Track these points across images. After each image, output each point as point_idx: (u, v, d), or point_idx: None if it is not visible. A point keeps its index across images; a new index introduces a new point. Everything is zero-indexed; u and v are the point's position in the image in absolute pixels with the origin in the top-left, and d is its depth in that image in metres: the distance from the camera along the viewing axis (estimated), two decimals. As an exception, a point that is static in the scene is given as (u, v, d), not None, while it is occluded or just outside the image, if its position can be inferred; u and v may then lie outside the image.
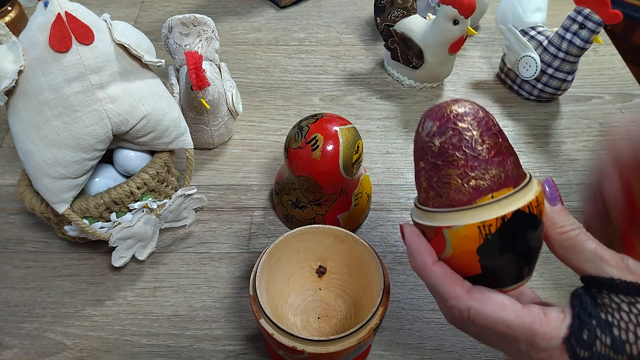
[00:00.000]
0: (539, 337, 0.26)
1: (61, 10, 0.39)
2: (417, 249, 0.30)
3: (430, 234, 0.30)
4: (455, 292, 0.28)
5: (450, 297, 0.28)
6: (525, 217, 0.28)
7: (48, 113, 0.40)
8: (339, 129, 0.45)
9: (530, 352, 0.27)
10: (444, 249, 0.29)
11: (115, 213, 0.45)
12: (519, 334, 0.27)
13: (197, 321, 0.45)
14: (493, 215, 0.27)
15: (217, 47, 0.57)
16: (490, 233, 0.27)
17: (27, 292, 0.47)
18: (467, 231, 0.28)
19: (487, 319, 0.27)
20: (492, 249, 0.28)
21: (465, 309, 0.28)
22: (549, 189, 0.30)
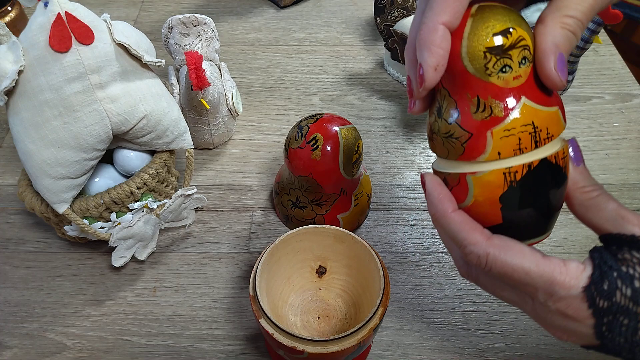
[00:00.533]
0: (558, 285, 0.26)
1: (61, 10, 0.39)
2: (437, 196, 0.29)
3: (453, 182, 0.29)
4: (475, 238, 0.28)
5: (469, 243, 0.28)
6: (551, 167, 0.27)
7: (48, 113, 0.40)
8: (339, 129, 0.45)
9: (548, 301, 0.27)
10: (466, 197, 0.28)
11: (115, 213, 0.45)
12: (538, 282, 0.26)
13: (197, 321, 0.45)
14: (520, 162, 0.26)
15: (217, 47, 0.57)
16: (515, 180, 0.27)
17: (27, 292, 0.47)
18: (491, 177, 0.27)
19: (506, 266, 0.27)
20: (516, 197, 0.27)
21: (484, 255, 0.27)
22: (573, 149, 0.30)
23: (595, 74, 0.68)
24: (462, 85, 0.27)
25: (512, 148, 0.26)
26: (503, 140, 0.26)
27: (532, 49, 0.26)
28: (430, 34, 0.25)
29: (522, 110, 0.26)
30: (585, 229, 0.28)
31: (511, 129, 0.26)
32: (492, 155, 0.26)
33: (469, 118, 0.27)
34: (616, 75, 0.68)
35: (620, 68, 0.69)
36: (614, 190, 0.55)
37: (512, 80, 0.26)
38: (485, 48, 0.25)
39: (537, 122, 0.26)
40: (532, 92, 0.26)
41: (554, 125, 0.27)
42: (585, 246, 0.50)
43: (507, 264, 0.27)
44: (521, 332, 0.44)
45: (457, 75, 0.26)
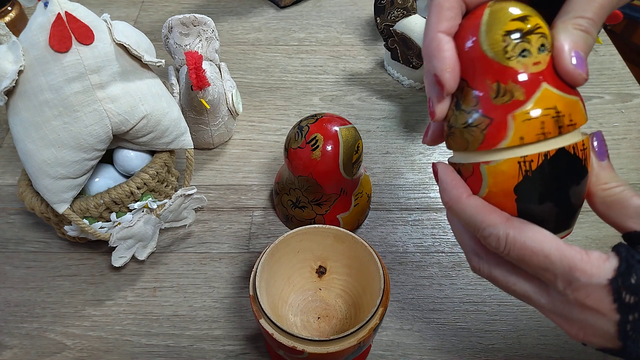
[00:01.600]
0: (579, 272, 0.25)
1: (61, 10, 0.39)
2: (450, 182, 0.28)
3: (467, 173, 0.28)
4: (493, 219, 0.26)
5: (488, 225, 0.26)
6: (570, 157, 0.26)
7: (48, 113, 0.40)
8: (339, 129, 0.45)
9: (567, 290, 0.25)
10: (480, 188, 0.27)
11: (115, 213, 0.45)
12: (558, 267, 0.25)
13: (197, 321, 0.45)
14: (536, 151, 0.25)
15: (217, 47, 0.57)
16: (530, 170, 0.26)
17: (27, 292, 0.47)
18: (505, 166, 0.26)
19: (525, 249, 0.26)
20: (532, 189, 0.26)
21: (504, 236, 0.26)
22: (597, 142, 0.28)
23: (595, 74, 0.68)
24: (482, 72, 0.26)
25: (534, 132, 0.25)
26: (525, 123, 0.25)
27: (550, 40, 0.26)
28: (433, 44, 0.26)
29: (543, 94, 0.25)
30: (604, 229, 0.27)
31: (533, 112, 0.25)
32: (513, 140, 0.25)
33: (489, 104, 0.26)
34: (616, 75, 0.68)
35: (620, 68, 0.69)
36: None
37: (531, 65, 0.25)
38: (504, 31, 0.25)
39: (560, 107, 0.25)
40: (552, 79, 0.26)
41: (576, 113, 0.26)
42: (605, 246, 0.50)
43: (526, 245, 0.26)
44: (521, 332, 0.44)
45: (477, 62, 0.26)
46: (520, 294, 0.28)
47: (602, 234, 0.50)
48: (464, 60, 0.27)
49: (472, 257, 0.30)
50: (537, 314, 0.45)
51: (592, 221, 0.52)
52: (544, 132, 0.25)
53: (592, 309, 0.25)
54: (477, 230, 0.27)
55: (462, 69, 0.27)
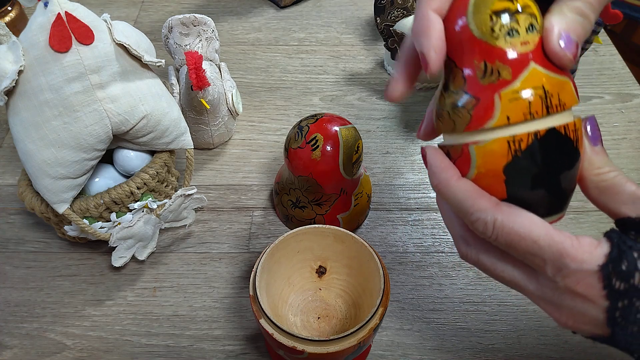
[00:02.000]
0: (569, 258, 0.24)
1: (61, 10, 0.39)
2: (439, 165, 0.28)
3: (455, 154, 0.27)
4: (481, 204, 0.26)
5: (476, 210, 0.26)
6: (561, 138, 0.25)
7: (48, 113, 0.40)
8: (339, 129, 0.45)
9: (556, 277, 0.25)
10: (469, 169, 0.27)
11: (115, 213, 0.45)
12: (547, 253, 0.25)
13: (197, 321, 0.45)
14: (525, 130, 0.25)
15: (217, 47, 0.57)
16: (520, 149, 0.25)
17: (27, 292, 0.47)
18: (494, 145, 0.25)
19: (513, 234, 0.25)
20: (521, 170, 0.26)
21: (491, 221, 0.25)
22: (591, 127, 0.28)
23: (595, 74, 0.68)
24: (470, 52, 0.26)
25: (522, 111, 0.25)
26: (512, 103, 0.25)
27: (540, 21, 0.26)
28: (422, 22, 0.26)
29: (531, 73, 0.25)
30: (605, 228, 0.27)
31: (520, 91, 0.25)
32: (500, 119, 0.25)
33: (476, 84, 0.26)
34: (616, 75, 0.68)
35: (620, 68, 0.69)
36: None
37: (519, 45, 0.25)
38: (491, 11, 0.25)
39: (548, 87, 0.25)
40: (541, 59, 0.25)
41: (566, 94, 0.26)
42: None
43: (514, 231, 0.25)
44: (521, 332, 0.44)
45: (465, 43, 0.26)
46: (508, 281, 0.28)
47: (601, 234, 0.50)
48: (452, 41, 0.27)
49: (460, 243, 0.30)
50: (537, 314, 0.45)
51: (592, 221, 0.52)
52: (531, 111, 0.25)
53: (582, 295, 0.25)
54: (465, 214, 0.27)
55: (451, 50, 0.27)
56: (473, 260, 0.29)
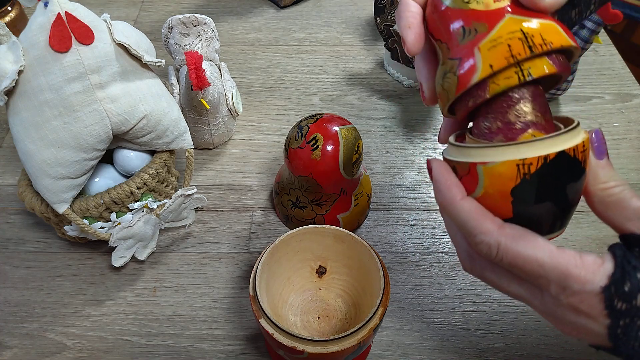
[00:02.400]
0: (572, 279, 0.25)
1: (61, 10, 0.39)
2: (444, 182, 0.28)
3: (462, 171, 0.28)
4: (486, 226, 0.26)
5: (480, 232, 0.26)
6: (570, 161, 0.25)
7: (48, 113, 0.40)
8: (339, 129, 0.45)
9: (560, 295, 0.25)
10: (475, 188, 0.27)
11: (115, 213, 0.45)
12: (552, 275, 0.25)
13: (197, 321, 0.45)
14: (535, 154, 0.25)
15: (217, 47, 0.57)
16: (529, 173, 0.25)
17: (27, 292, 0.47)
18: (503, 168, 0.25)
19: (518, 257, 0.25)
20: (529, 192, 0.26)
21: (495, 245, 0.26)
22: (597, 140, 0.28)
23: (595, 74, 0.68)
24: (448, 23, 0.27)
25: (503, 56, 0.25)
26: (491, 51, 0.25)
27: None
28: (400, 7, 0.29)
29: (507, 22, 0.25)
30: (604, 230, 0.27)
31: (497, 38, 0.25)
32: (484, 70, 0.25)
33: (457, 47, 0.26)
34: (616, 75, 0.68)
35: (620, 68, 0.69)
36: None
37: (492, 3, 0.26)
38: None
39: (527, 29, 0.25)
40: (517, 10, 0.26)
41: (550, 33, 0.25)
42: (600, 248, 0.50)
43: (519, 254, 0.25)
44: (521, 332, 0.44)
45: (443, 18, 0.27)
46: (513, 295, 0.28)
47: (602, 234, 0.50)
48: (434, 22, 0.28)
49: (464, 258, 0.30)
50: (537, 314, 0.45)
51: (591, 221, 0.52)
52: (513, 54, 0.25)
53: (585, 313, 0.25)
54: (469, 235, 0.27)
55: (435, 30, 0.28)
56: (477, 274, 0.29)
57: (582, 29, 0.55)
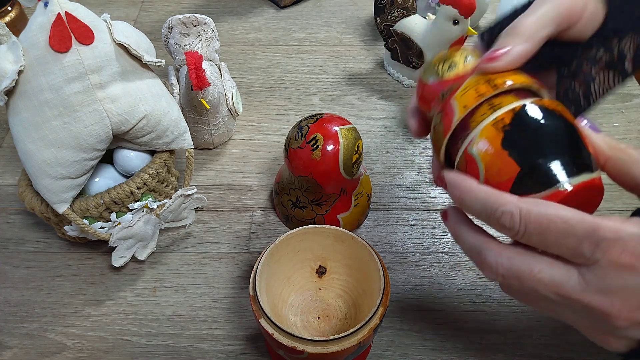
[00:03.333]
0: (603, 229, 0.23)
1: (61, 10, 0.39)
2: (456, 177, 0.29)
3: (464, 166, 0.29)
4: (504, 198, 0.26)
5: (500, 205, 0.26)
6: (538, 108, 0.27)
7: (48, 113, 0.40)
8: (339, 129, 0.45)
9: (596, 253, 0.24)
10: (478, 168, 0.28)
11: (115, 213, 0.45)
12: (580, 230, 0.24)
13: (197, 321, 0.45)
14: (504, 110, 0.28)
15: (217, 47, 0.57)
16: (506, 124, 0.27)
17: (27, 292, 0.47)
18: (484, 134, 0.28)
19: (542, 217, 0.25)
20: (516, 137, 0.27)
21: (517, 211, 0.25)
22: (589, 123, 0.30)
23: (595, 74, 0.68)
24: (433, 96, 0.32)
25: (473, 97, 0.29)
26: (463, 96, 0.30)
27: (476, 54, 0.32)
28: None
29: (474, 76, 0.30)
30: None
31: (467, 87, 0.30)
32: (460, 110, 0.29)
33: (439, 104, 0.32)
34: (616, 75, 0.67)
35: (620, 68, 0.68)
36: (615, 189, 0.55)
37: (461, 71, 0.31)
38: (434, 63, 0.33)
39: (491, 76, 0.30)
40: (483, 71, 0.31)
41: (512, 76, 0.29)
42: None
43: (542, 214, 0.25)
44: (521, 332, 0.44)
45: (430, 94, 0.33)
46: (547, 282, 0.26)
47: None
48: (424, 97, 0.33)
49: (487, 255, 0.28)
50: (537, 314, 0.45)
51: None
52: (480, 93, 0.29)
53: (629, 266, 0.23)
54: (490, 213, 0.26)
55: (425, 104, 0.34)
56: (505, 267, 0.27)
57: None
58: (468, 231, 0.30)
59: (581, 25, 0.33)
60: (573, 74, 0.34)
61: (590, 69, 0.34)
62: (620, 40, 0.33)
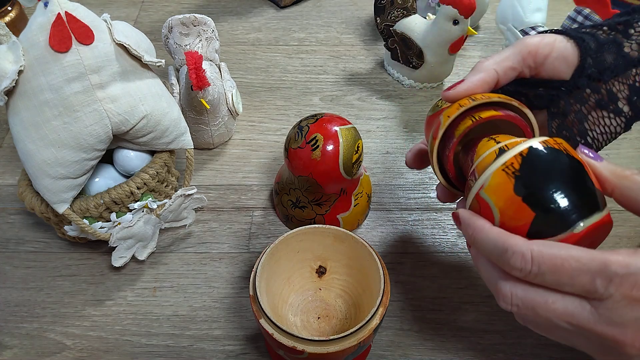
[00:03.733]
0: (614, 264, 0.24)
1: (61, 10, 0.39)
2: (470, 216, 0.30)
3: (476, 208, 0.30)
4: (515, 240, 0.27)
5: (510, 246, 0.27)
6: (545, 149, 0.28)
7: (48, 113, 0.40)
8: (339, 129, 0.45)
9: (609, 288, 0.25)
10: (492, 213, 0.29)
11: (115, 213, 0.45)
12: (592, 266, 0.25)
13: (197, 321, 0.45)
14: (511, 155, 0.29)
15: (217, 47, 0.57)
16: (516, 170, 0.28)
17: (27, 292, 0.47)
18: (495, 179, 0.29)
19: (555, 258, 0.26)
20: (527, 182, 0.28)
21: (528, 252, 0.26)
22: (587, 150, 0.30)
23: (595, 74, 0.68)
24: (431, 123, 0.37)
25: (455, 108, 0.34)
26: (447, 110, 0.35)
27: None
28: None
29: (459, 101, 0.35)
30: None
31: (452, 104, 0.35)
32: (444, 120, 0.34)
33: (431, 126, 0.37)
34: (616, 75, 0.67)
35: (620, 68, 0.68)
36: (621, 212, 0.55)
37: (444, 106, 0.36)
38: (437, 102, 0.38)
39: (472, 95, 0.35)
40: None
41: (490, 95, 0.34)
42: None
43: (555, 255, 0.26)
44: (521, 332, 0.44)
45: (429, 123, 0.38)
46: (561, 313, 0.27)
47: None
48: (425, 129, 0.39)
49: (502, 286, 0.29)
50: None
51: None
52: (460, 105, 0.34)
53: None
54: (501, 254, 0.27)
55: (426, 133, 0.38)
56: (520, 299, 0.28)
57: (582, 29, 0.55)
58: (487, 262, 0.30)
59: (552, 62, 0.36)
60: (563, 113, 0.37)
61: (579, 107, 0.36)
62: (605, 83, 0.35)
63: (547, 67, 0.36)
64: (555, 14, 0.76)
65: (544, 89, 0.37)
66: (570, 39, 0.35)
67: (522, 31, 0.61)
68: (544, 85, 0.37)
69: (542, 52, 0.35)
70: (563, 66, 0.35)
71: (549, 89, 0.37)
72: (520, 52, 0.36)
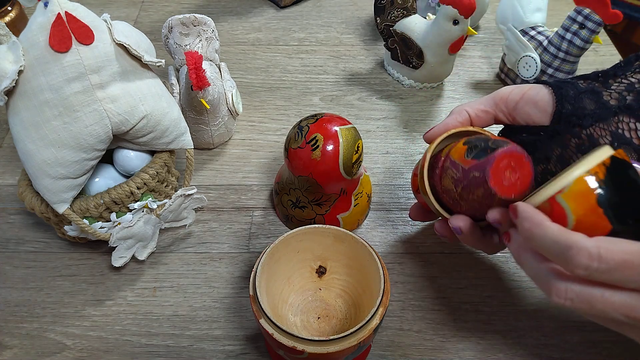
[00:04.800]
0: None
1: (61, 10, 0.39)
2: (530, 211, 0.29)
3: (545, 211, 0.29)
4: (579, 237, 0.26)
5: (574, 243, 0.26)
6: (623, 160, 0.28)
7: (48, 113, 0.40)
8: (339, 129, 0.45)
9: None
10: (567, 219, 0.28)
11: (115, 213, 0.45)
12: None
13: (197, 321, 0.45)
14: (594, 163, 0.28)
15: (217, 47, 0.57)
16: (601, 179, 0.27)
17: (27, 292, 0.47)
18: (579, 185, 0.27)
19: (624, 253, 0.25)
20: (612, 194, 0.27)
21: (595, 248, 0.26)
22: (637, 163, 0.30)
23: (595, 74, 0.68)
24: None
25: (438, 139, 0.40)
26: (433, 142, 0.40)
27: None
28: None
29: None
30: None
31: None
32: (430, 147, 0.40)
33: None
34: (616, 75, 0.67)
35: (620, 68, 0.68)
36: None
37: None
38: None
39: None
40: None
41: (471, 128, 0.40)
42: None
43: (624, 250, 0.25)
44: (521, 332, 0.44)
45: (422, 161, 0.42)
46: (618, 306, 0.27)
47: None
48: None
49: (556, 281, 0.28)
50: (537, 314, 0.45)
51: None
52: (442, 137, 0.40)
53: None
54: (563, 250, 0.27)
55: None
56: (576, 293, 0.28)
57: (582, 29, 0.55)
58: (534, 257, 0.30)
59: (522, 107, 0.39)
60: (546, 158, 0.38)
61: (560, 152, 0.37)
62: (584, 128, 0.35)
63: (520, 111, 0.39)
64: (555, 14, 0.76)
65: (527, 134, 0.39)
66: (547, 87, 0.38)
67: (522, 31, 0.61)
68: (527, 131, 0.39)
69: (513, 98, 0.39)
70: (534, 111, 0.38)
71: (530, 134, 0.39)
72: (493, 98, 0.40)
